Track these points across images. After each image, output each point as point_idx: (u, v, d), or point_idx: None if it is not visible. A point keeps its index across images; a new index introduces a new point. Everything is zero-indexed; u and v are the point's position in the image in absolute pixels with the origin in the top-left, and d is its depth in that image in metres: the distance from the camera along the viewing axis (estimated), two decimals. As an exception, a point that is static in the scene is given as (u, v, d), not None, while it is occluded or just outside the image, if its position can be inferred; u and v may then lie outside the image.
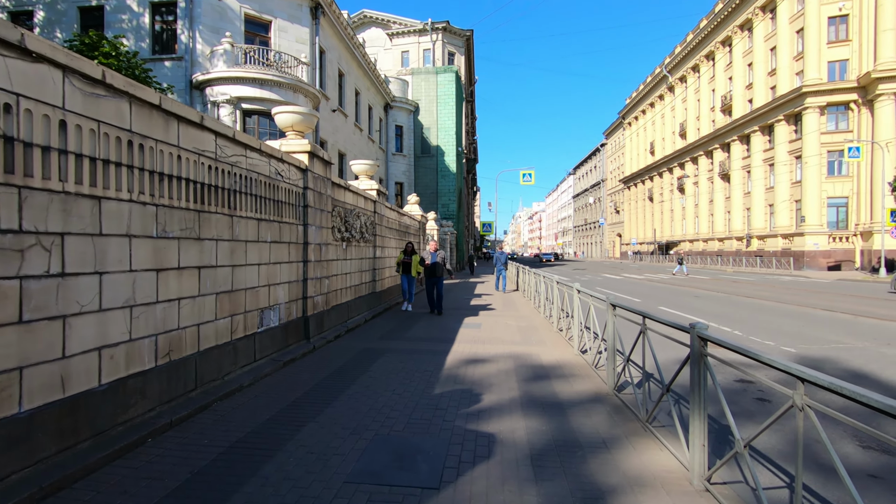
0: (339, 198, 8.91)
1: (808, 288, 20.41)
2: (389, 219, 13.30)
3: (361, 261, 10.49)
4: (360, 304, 10.28)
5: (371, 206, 11.22)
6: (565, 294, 8.43)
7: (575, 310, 7.31)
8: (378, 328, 9.38)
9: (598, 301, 6.00)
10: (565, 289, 8.44)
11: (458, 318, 10.75)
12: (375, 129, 31.35)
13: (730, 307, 13.53)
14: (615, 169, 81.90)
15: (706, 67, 51.01)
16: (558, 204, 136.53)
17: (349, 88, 25.85)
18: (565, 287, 8.40)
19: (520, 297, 15.76)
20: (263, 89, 17.10)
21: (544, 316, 10.87)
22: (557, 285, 9.18)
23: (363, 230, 10.26)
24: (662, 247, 58.62)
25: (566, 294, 8.26)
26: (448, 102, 35.70)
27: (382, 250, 12.35)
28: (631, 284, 22.53)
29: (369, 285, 11.20)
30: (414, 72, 36.45)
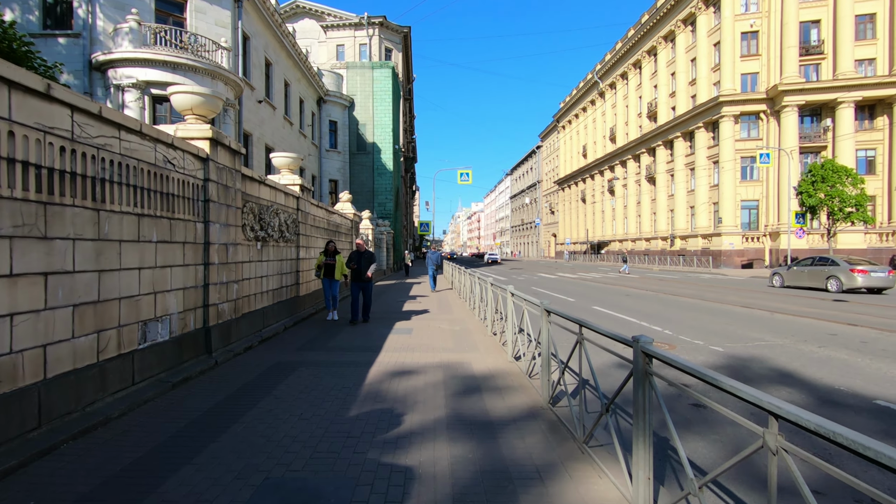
0: (253, 192, 7.98)
1: (726, 285, 21.54)
2: (316, 217, 12.39)
3: (281, 262, 9.57)
4: (279, 311, 9.36)
5: (293, 202, 10.30)
6: (499, 297, 8.01)
7: (509, 314, 6.89)
8: (298, 337, 8.53)
9: (532, 306, 5.56)
10: (500, 291, 8.01)
11: (388, 323, 10.09)
12: (307, 123, 29.92)
13: (659, 305, 13.80)
14: (550, 171, 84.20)
15: (634, 75, 53.40)
16: (496, 204, 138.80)
17: (277, 79, 24.39)
18: (500, 290, 7.98)
19: (455, 298, 15.33)
20: (176, 74, 15.54)
21: (479, 319, 10.45)
22: (492, 287, 8.75)
23: (283, 229, 9.35)
24: (594, 246, 60.83)
25: (500, 297, 7.84)
26: (384, 98, 34.83)
27: (308, 251, 11.44)
28: (566, 284, 22.82)
29: (291, 289, 10.27)
30: (349, 66, 35.25)
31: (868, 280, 16.74)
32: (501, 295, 7.71)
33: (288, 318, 9.75)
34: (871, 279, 16.74)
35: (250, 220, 7.79)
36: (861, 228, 31.83)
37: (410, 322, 10.20)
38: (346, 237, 17.00)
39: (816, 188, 25.76)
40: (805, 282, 18.89)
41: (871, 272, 16.79)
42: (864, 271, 16.80)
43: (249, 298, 7.97)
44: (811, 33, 36.29)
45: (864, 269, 16.87)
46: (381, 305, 13.40)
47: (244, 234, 7.59)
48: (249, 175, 7.66)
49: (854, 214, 25.08)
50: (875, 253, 32.75)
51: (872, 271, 16.79)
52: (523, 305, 6.14)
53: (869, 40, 35.30)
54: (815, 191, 25.95)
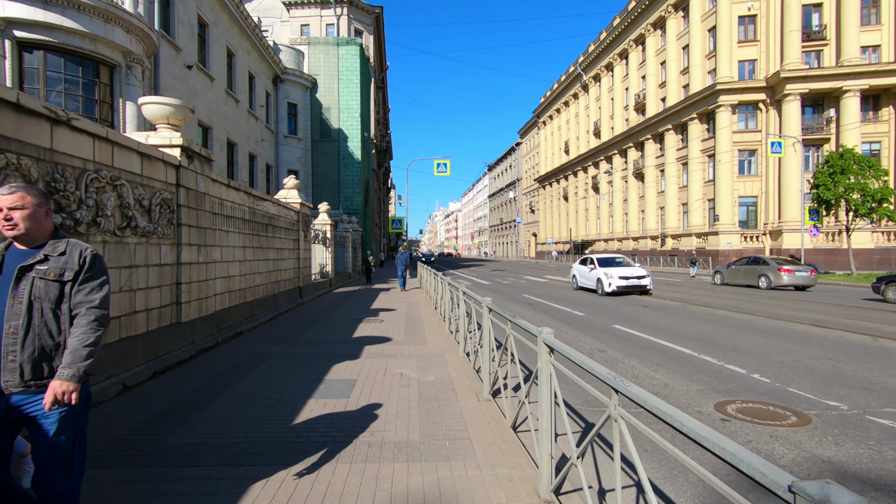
0: (22, 137, 4.18)
1: (755, 294, 18.46)
2: (225, 201, 8.54)
3: (142, 269, 5.75)
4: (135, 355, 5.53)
5: (169, 173, 6.47)
6: (483, 330, 4.39)
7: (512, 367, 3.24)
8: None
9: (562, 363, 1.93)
10: (495, 320, 4.40)
11: (316, 366, 6.38)
12: (260, 103, 25.81)
13: (701, 323, 10.42)
14: (530, 168, 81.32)
15: (620, 66, 50.66)
16: (474, 203, 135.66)
17: (217, 45, 20.29)
18: (496, 316, 4.36)
19: (429, 312, 11.68)
20: (50, 10, 11.44)
21: (462, 352, 6.83)
22: (490, 314, 5.07)
23: (133, 214, 5.51)
24: (578, 246, 57.97)
25: (482, 325, 4.20)
26: (352, 80, 30.92)
27: (209, 252, 7.60)
28: (561, 290, 19.37)
29: (167, 312, 6.45)
30: (311, 41, 31.21)
31: (793, 279, 18.57)
32: (497, 323, 4.12)
33: (144, 366, 5.91)
34: (795, 278, 18.58)
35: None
36: (868, 227, 29.42)
37: (357, 364, 6.50)
38: (289, 233, 13.13)
39: (836, 181, 22.98)
40: (741, 280, 20.77)
41: (795, 272, 18.65)
42: (790, 270, 18.66)
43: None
44: (812, 17, 33.88)
45: (789, 268, 18.71)
46: (326, 327, 9.64)
47: None
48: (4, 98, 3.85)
49: (881, 209, 22.39)
50: (884, 254, 30.46)
51: (797, 271, 18.68)
52: (552, 368, 2.51)
53: (873, 26, 33.07)
54: (833, 184, 23.17)
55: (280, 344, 7.87)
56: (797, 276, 18.46)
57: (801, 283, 18.58)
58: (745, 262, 20.99)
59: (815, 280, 18.95)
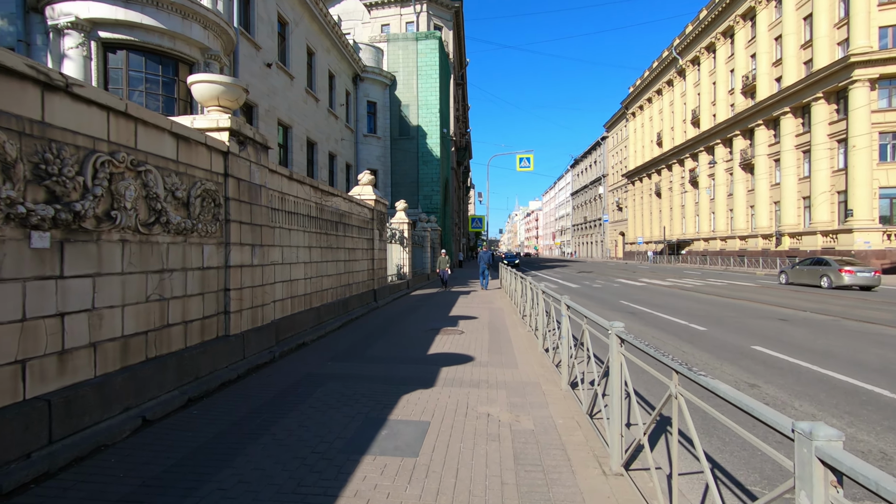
0: (24, 112, 3.23)
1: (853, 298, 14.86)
2: (287, 196, 7.58)
3: (178, 274, 4.81)
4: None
5: (215, 160, 5.52)
6: (612, 372, 2.78)
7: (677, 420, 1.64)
8: (159, 450, 3.70)
9: None
10: (624, 350, 2.81)
11: (386, 390, 5.10)
12: (340, 102, 25.62)
13: (865, 345, 7.91)
14: (617, 163, 76.46)
15: (724, 46, 45.52)
16: (556, 202, 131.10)
17: (297, 44, 20.12)
18: (632, 352, 2.77)
19: (515, 322, 10.12)
20: (130, 8, 11.35)
21: (566, 385, 5.22)
22: (622, 346, 3.45)
23: (164, 207, 4.54)
24: (673, 246, 53.12)
25: (610, 369, 2.60)
26: (430, 74, 30.02)
27: (263, 253, 6.64)
28: (666, 296, 16.88)
29: (212, 324, 5.51)
30: (390, 38, 30.75)
31: (854, 279, 18.88)
32: (636, 362, 2.51)
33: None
34: (856, 278, 18.87)
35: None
36: None
37: (431, 395, 5.14)
38: (362, 232, 12.17)
39: None
40: (805, 279, 21.22)
41: (856, 272, 18.93)
42: (851, 271, 18.97)
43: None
44: (982, -33, 27.75)
45: (850, 269, 19.00)
46: (398, 340, 8.41)
47: None
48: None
49: None
50: None
51: (858, 271, 18.94)
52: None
53: None
54: None
55: (344, 360, 6.73)
56: (858, 277, 18.86)
57: (864, 283, 18.90)
58: (808, 263, 21.56)
59: (879, 280, 19.25)
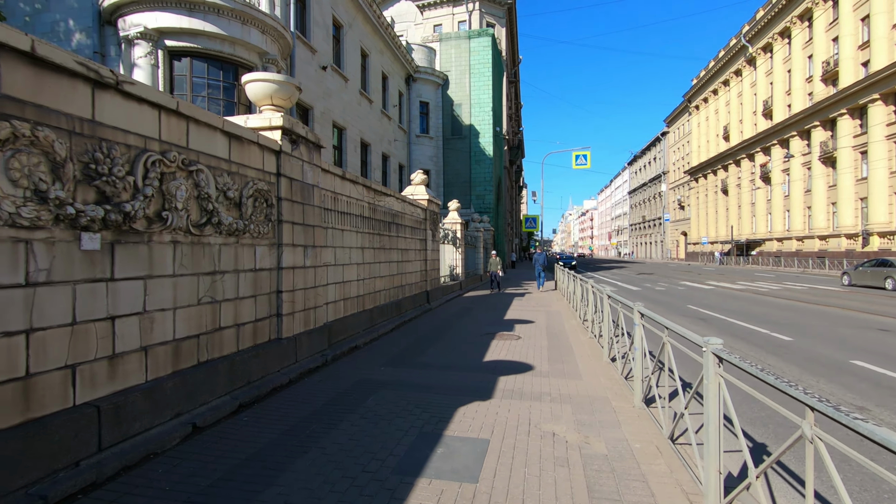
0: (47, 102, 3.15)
1: None
2: (339, 196, 7.44)
3: (229, 276, 4.71)
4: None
5: (268, 160, 5.41)
6: (709, 396, 2.27)
7: None
8: (207, 460, 3.55)
9: None
10: (723, 372, 2.30)
11: (441, 400, 4.78)
12: (393, 103, 25.73)
13: None
14: (679, 160, 72.79)
15: (801, 30, 42.11)
16: (612, 201, 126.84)
17: (351, 46, 20.31)
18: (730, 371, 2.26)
19: (575, 327, 9.53)
20: (194, 17, 11.72)
21: (640, 402, 4.69)
22: (720, 365, 2.94)
23: (216, 207, 4.43)
24: (742, 246, 49.79)
25: (706, 392, 2.10)
26: (483, 72, 29.61)
27: (315, 254, 6.51)
28: (736, 300, 15.60)
29: (264, 327, 5.39)
30: (442, 38, 30.62)
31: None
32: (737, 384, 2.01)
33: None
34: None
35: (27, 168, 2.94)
36: None
37: (489, 408, 4.76)
38: (415, 232, 11.96)
39: None
40: (868, 281, 20.65)
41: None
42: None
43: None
44: None
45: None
46: (452, 344, 8.08)
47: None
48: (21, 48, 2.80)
49: None
50: None
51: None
52: None
53: None
54: None
55: (396, 366, 6.47)
56: None
57: None
58: (871, 264, 21.18)
59: None
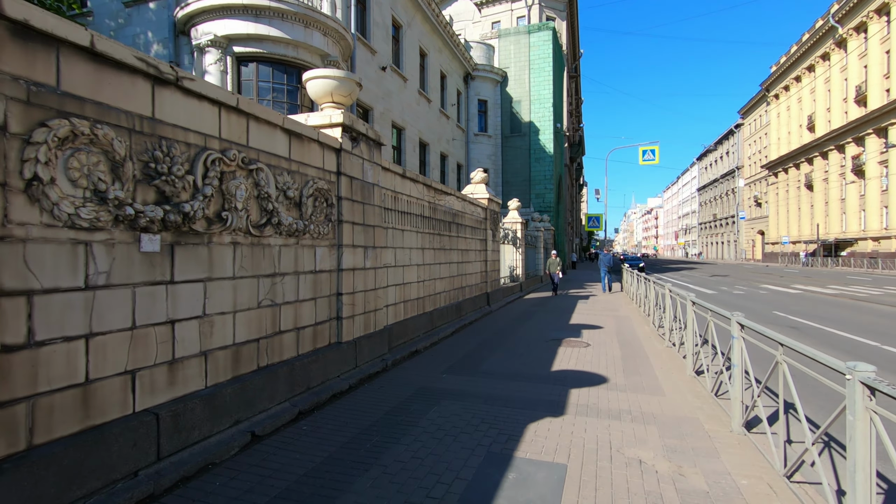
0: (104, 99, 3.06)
1: None
2: (399, 195, 7.22)
3: (289, 278, 4.57)
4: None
5: (328, 158, 5.24)
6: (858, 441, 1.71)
7: None
8: (265, 474, 3.37)
9: None
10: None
11: (508, 414, 4.39)
12: (451, 102, 25.53)
13: None
14: (755, 153, 67.82)
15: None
16: (679, 198, 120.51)
17: (410, 46, 20.27)
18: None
19: (648, 334, 8.79)
20: (259, 22, 11.99)
21: (739, 427, 4.07)
22: (873, 397, 2.37)
23: (276, 207, 4.29)
24: (829, 246, 45.53)
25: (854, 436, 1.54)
26: (543, 68, 28.78)
27: (375, 255, 6.30)
28: (830, 306, 14.01)
29: (324, 330, 5.23)
30: (501, 34, 30.08)
31: None
32: None
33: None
34: None
35: (86, 167, 2.85)
36: None
37: (562, 426, 4.32)
38: (475, 232, 11.60)
39: None
40: None
41: None
42: None
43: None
44: None
45: None
46: (516, 351, 7.64)
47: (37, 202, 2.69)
48: (73, 41, 2.70)
49: None
50: None
51: None
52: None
53: None
54: None
55: (458, 373, 6.14)
56: None
57: None
58: None
59: None
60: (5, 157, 2.42)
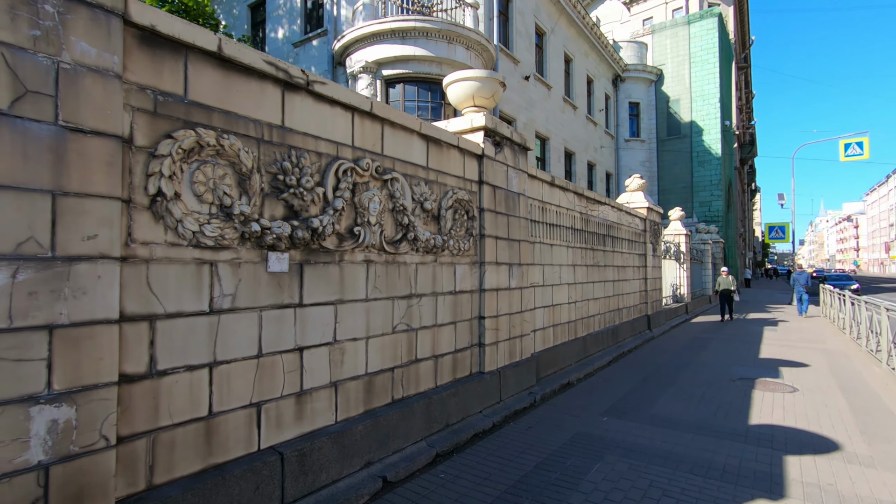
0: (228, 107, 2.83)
1: None
2: (547, 205, 6.42)
3: (427, 299, 4.10)
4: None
5: (468, 165, 4.72)
6: None
7: None
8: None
9: None
10: None
11: (700, 488, 3.28)
12: (598, 107, 23.93)
13: None
14: None
15: None
16: (889, 202, 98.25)
17: (554, 52, 19.42)
18: None
19: (879, 377, 6.56)
20: (405, 44, 12.29)
21: None
22: None
23: (412, 221, 3.86)
24: None
25: None
26: (707, 60, 25.52)
27: (521, 273, 5.59)
28: None
29: (464, 359, 4.66)
30: (655, 29, 27.53)
31: None
32: None
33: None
34: None
35: (212, 179, 2.63)
36: None
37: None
38: (633, 246, 10.21)
39: None
40: None
41: None
42: None
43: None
44: None
45: None
46: (693, 392, 6.23)
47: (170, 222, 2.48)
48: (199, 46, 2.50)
49: None
50: None
51: None
52: None
53: None
54: None
55: (622, 417, 5.08)
56: None
57: None
58: None
59: None
60: (130, 172, 2.26)
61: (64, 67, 1.99)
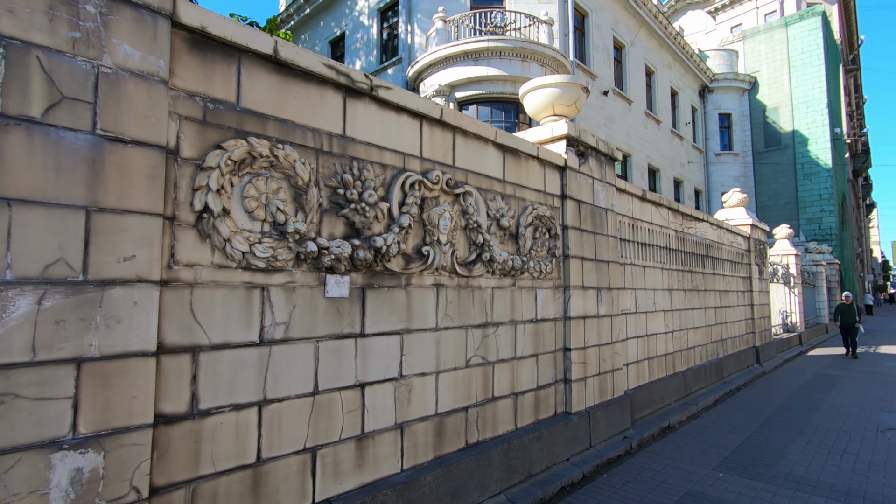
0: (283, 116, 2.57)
1: None
2: (638, 222, 5.73)
3: (504, 328, 3.63)
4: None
5: (550, 178, 4.24)
6: None
7: None
8: None
9: None
10: None
11: None
12: (684, 121, 22.42)
13: None
14: None
15: None
16: None
17: (633, 65, 18.49)
18: None
19: None
20: (478, 65, 12.13)
21: None
22: None
23: (486, 240, 3.43)
24: None
25: None
26: (811, 62, 23.17)
27: (611, 299, 4.94)
28: None
29: (547, 397, 4.09)
30: (746, 35, 25.60)
31: None
32: None
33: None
34: None
35: (265, 195, 2.35)
36: None
37: None
38: (735, 268, 9.04)
39: None
40: None
41: None
42: None
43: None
44: None
45: None
46: (832, 443, 5.13)
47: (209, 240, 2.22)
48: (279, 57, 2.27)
49: None
50: None
51: None
52: None
53: None
54: None
55: (743, 474, 4.20)
56: None
57: None
58: None
59: None
60: (175, 187, 2.04)
61: (104, 72, 1.81)
